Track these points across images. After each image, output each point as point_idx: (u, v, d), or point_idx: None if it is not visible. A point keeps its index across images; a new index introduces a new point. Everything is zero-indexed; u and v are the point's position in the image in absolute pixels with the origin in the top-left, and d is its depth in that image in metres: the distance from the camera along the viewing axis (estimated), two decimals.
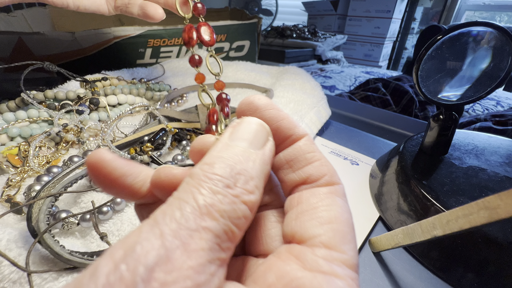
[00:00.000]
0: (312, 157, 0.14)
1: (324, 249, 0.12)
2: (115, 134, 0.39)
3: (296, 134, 0.15)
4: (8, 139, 0.35)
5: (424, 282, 0.24)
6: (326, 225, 0.12)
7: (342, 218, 0.13)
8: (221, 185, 0.11)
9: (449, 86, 0.29)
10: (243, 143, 0.13)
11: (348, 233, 0.13)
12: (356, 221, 0.30)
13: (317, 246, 0.12)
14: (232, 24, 0.82)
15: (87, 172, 0.28)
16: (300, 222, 0.13)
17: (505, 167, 0.29)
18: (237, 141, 0.13)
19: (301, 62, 1.52)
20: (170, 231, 0.09)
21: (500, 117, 0.60)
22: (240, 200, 0.11)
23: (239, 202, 0.11)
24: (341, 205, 0.13)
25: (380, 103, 0.83)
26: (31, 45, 0.59)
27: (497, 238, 0.22)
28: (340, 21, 2.20)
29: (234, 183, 0.11)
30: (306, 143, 0.15)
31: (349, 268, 0.12)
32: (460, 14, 2.09)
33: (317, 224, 0.13)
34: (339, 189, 0.14)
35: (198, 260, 0.09)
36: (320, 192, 0.14)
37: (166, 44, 0.75)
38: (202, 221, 0.10)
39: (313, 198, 0.13)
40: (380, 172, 0.35)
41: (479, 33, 0.26)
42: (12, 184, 0.29)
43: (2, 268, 0.20)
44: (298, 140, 0.15)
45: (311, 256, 0.12)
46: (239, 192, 0.11)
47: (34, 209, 0.23)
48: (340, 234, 0.12)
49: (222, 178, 0.11)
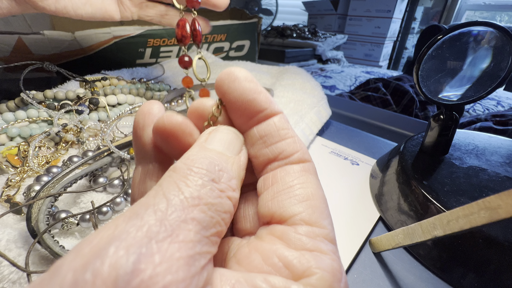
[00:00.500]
0: (286, 134, 0.14)
1: (305, 226, 0.12)
2: (114, 134, 0.38)
3: (271, 109, 0.14)
4: (8, 139, 0.35)
5: (424, 282, 0.24)
6: (304, 202, 0.13)
7: (318, 195, 0.13)
8: (207, 178, 0.11)
9: (450, 86, 0.29)
10: (220, 147, 0.13)
11: (325, 208, 0.13)
12: (356, 221, 0.30)
13: (299, 224, 0.12)
14: (232, 24, 0.82)
15: (86, 172, 0.28)
16: (278, 201, 0.13)
17: (505, 167, 0.29)
18: (214, 145, 0.13)
19: (301, 62, 1.52)
20: (156, 221, 0.09)
21: (501, 117, 0.60)
22: (225, 195, 0.11)
23: (225, 197, 0.11)
24: (315, 182, 0.14)
25: (380, 103, 0.83)
26: (31, 45, 0.59)
27: (497, 238, 0.22)
28: (341, 20, 2.20)
29: (219, 179, 0.11)
30: (280, 120, 0.15)
31: (330, 243, 0.12)
32: (460, 14, 2.09)
33: (295, 202, 0.13)
34: (311, 166, 0.15)
35: (188, 251, 0.09)
36: (294, 170, 0.14)
37: (166, 44, 0.75)
38: (189, 212, 0.10)
39: (288, 177, 0.14)
40: (380, 172, 0.35)
41: (480, 33, 0.26)
42: (12, 184, 0.29)
43: (2, 268, 0.20)
44: (273, 116, 0.15)
45: (294, 235, 0.12)
46: (224, 187, 0.11)
47: (33, 209, 0.23)
48: (319, 210, 0.13)
49: (207, 172, 0.11)
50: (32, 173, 0.31)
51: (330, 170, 0.37)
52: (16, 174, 0.30)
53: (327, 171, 0.37)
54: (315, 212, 0.13)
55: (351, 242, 0.27)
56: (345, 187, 0.34)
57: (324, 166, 0.38)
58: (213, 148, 0.13)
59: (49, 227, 0.22)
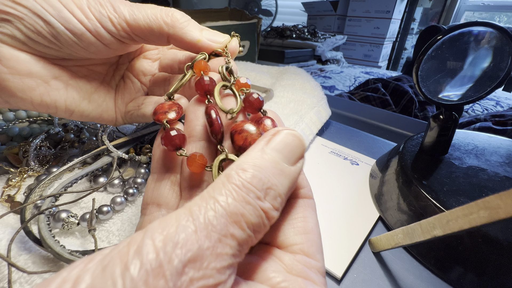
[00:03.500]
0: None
1: (303, 256, 0.14)
2: (115, 134, 0.38)
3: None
4: (8, 139, 0.35)
5: (424, 282, 0.24)
6: (304, 235, 0.14)
7: (316, 231, 0.15)
8: (253, 196, 0.12)
9: (449, 86, 0.29)
10: (279, 155, 0.13)
11: (320, 243, 0.15)
12: (356, 221, 0.30)
13: (297, 253, 0.14)
14: (232, 25, 0.82)
15: (87, 172, 0.28)
16: (281, 229, 0.14)
17: (505, 167, 0.29)
18: (274, 152, 0.13)
19: (301, 62, 1.52)
20: (204, 231, 0.10)
21: (500, 117, 0.60)
22: (266, 216, 0.12)
23: (265, 217, 0.12)
24: (315, 219, 0.15)
25: (379, 103, 0.83)
26: None
27: (497, 238, 0.22)
28: (340, 21, 2.20)
29: (264, 196, 0.12)
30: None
31: (321, 275, 0.13)
32: (459, 14, 2.09)
33: (296, 233, 0.14)
34: (313, 203, 0.16)
35: (222, 263, 0.10)
36: (298, 204, 0.15)
37: None
38: (231, 227, 0.11)
39: (292, 209, 0.15)
40: (380, 172, 0.35)
41: (479, 33, 0.26)
42: (12, 184, 0.29)
43: (2, 268, 0.20)
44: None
45: (293, 262, 0.13)
46: (267, 207, 0.12)
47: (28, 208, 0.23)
48: (316, 245, 0.14)
49: (255, 190, 0.12)
50: (33, 173, 0.31)
51: (330, 170, 0.37)
52: (17, 174, 0.30)
53: (327, 171, 0.37)
54: (313, 246, 0.14)
55: (351, 241, 0.27)
56: (345, 187, 0.34)
57: (324, 166, 0.38)
58: (271, 156, 0.13)
59: (33, 216, 0.22)
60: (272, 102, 0.48)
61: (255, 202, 0.12)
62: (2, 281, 0.20)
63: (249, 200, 0.11)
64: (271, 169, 0.13)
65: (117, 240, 0.24)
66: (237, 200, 0.11)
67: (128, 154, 0.31)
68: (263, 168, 0.12)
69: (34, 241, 0.21)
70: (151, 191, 0.17)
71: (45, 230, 0.22)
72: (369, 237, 0.27)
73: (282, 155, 0.13)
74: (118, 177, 0.29)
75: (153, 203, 0.17)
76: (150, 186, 0.17)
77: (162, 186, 0.17)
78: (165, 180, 0.17)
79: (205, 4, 1.89)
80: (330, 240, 0.27)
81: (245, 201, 0.11)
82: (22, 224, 0.21)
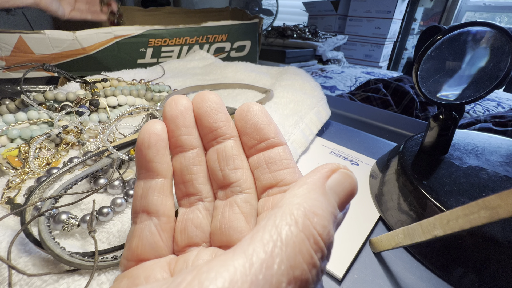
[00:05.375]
0: (288, 164, 0.16)
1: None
2: (115, 135, 0.39)
3: (277, 139, 0.16)
4: (8, 140, 0.35)
5: (424, 282, 0.24)
6: None
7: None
8: (320, 256, 0.10)
9: (449, 86, 0.29)
10: (336, 199, 0.12)
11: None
12: (356, 221, 0.30)
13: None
14: (233, 24, 0.82)
15: (87, 174, 0.28)
16: None
17: (505, 166, 0.29)
18: (333, 195, 0.12)
19: (302, 62, 1.52)
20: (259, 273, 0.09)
21: (500, 118, 0.60)
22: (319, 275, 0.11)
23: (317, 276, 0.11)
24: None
25: (380, 103, 0.83)
26: (32, 44, 0.60)
27: (497, 238, 0.22)
28: (341, 21, 2.20)
29: (326, 256, 0.11)
30: (284, 150, 0.16)
31: None
32: (460, 15, 2.09)
33: None
34: None
35: None
36: None
37: (167, 44, 0.75)
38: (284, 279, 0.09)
39: None
40: (380, 172, 0.35)
41: (479, 33, 0.26)
42: (12, 185, 0.29)
43: (2, 271, 0.20)
44: (278, 146, 0.16)
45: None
46: (324, 267, 0.11)
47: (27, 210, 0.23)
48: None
49: (323, 247, 0.10)
50: (33, 175, 0.31)
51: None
52: (17, 176, 0.30)
53: None
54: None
55: (351, 242, 0.27)
56: None
57: None
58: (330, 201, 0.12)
59: (34, 218, 0.22)
60: (272, 102, 0.48)
61: (319, 263, 0.10)
62: (2, 283, 0.20)
63: (316, 263, 0.10)
64: (329, 217, 0.11)
65: (117, 242, 0.24)
66: (305, 260, 0.10)
67: (129, 155, 0.31)
68: (324, 216, 0.11)
69: (34, 243, 0.21)
70: (139, 200, 0.16)
71: (45, 232, 0.22)
72: (370, 238, 0.27)
73: (339, 200, 0.12)
74: (118, 178, 0.29)
75: (143, 211, 0.16)
76: (137, 193, 0.16)
77: (149, 193, 0.16)
78: (153, 186, 0.16)
79: (205, 4, 1.90)
80: None
81: (313, 265, 0.10)
82: (22, 226, 0.21)
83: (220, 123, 0.16)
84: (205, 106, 0.16)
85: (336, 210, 0.12)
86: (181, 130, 0.17)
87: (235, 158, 0.16)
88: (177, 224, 0.17)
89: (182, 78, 0.64)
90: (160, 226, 0.16)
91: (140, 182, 0.16)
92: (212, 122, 0.16)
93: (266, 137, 0.16)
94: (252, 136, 0.16)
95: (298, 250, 0.09)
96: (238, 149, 0.17)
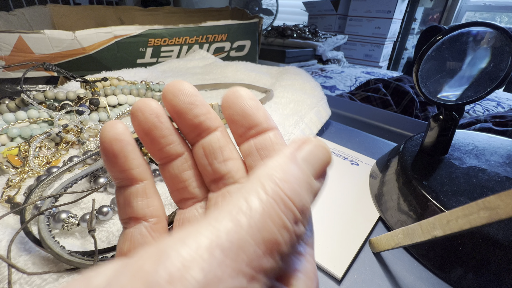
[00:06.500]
0: (280, 149, 0.15)
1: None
2: None
3: (267, 124, 0.15)
4: (8, 139, 0.35)
5: (424, 282, 0.24)
6: None
7: None
8: (291, 218, 0.10)
9: (449, 86, 0.29)
10: (309, 168, 0.12)
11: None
12: (356, 222, 0.30)
13: None
14: (233, 24, 0.82)
15: (87, 173, 0.28)
16: None
17: (505, 167, 0.29)
18: (305, 163, 0.12)
19: (302, 62, 1.52)
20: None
21: (500, 118, 0.60)
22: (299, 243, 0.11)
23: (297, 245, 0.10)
24: None
25: (380, 103, 0.83)
26: (31, 44, 0.60)
27: (497, 238, 0.22)
28: (341, 21, 2.20)
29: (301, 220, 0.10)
30: (275, 135, 0.15)
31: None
32: (460, 14, 2.09)
33: None
34: None
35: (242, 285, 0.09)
36: None
37: (167, 43, 0.75)
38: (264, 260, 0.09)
39: None
40: (380, 172, 0.35)
41: (479, 33, 0.26)
42: (12, 184, 0.29)
43: (2, 269, 0.20)
44: (268, 131, 0.15)
45: None
46: (301, 232, 0.10)
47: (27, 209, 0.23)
48: None
49: (295, 210, 0.10)
50: (33, 174, 0.31)
51: (329, 170, 0.37)
52: (17, 175, 0.30)
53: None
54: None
55: (351, 242, 0.27)
56: (345, 187, 0.34)
57: None
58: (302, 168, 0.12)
59: (33, 217, 0.22)
60: (272, 102, 0.48)
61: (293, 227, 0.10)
62: (2, 282, 0.20)
63: (288, 226, 0.10)
64: (303, 184, 0.11)
65: (117, 241, 0.24)
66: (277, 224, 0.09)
67: None
68: (297, 183, 0.11)
69: (34, 241, 0.21)
70: (123, 208, 0.15)
71: (45, 230, 0.22)
72: (369, 238, 0.27)
73: (312, 169, 0.12)
74: None
75: (130, 218, 0.15)
76: (120, 202, 0.15)
77: (132, 199, 0.15)
78: (134, 192, 0.15)
79: (205, 3, 1.89)
80: (330, 241, 0.27)
81: (284, 227, 0.10)
82: (22, 225, 0.21)
83: (200, 117, 0.15)
84: (179, 102, 0.15)
85: (310, 178, 0.12)
86: (160, 142, 0.15)
87: (222, 149, 0.16)
88: (174, 223, 0.17)
89: (182, 77, 0.64)
90: (150, 228, 0.15)
91: (120, 189, 0.15)
92: (191, 119, 0.15)
93: (255, 123, 0.15)
94: (241, 124, 0.15)
95: (267, 214, 0.09)
96: (225, 139, 0.16)
